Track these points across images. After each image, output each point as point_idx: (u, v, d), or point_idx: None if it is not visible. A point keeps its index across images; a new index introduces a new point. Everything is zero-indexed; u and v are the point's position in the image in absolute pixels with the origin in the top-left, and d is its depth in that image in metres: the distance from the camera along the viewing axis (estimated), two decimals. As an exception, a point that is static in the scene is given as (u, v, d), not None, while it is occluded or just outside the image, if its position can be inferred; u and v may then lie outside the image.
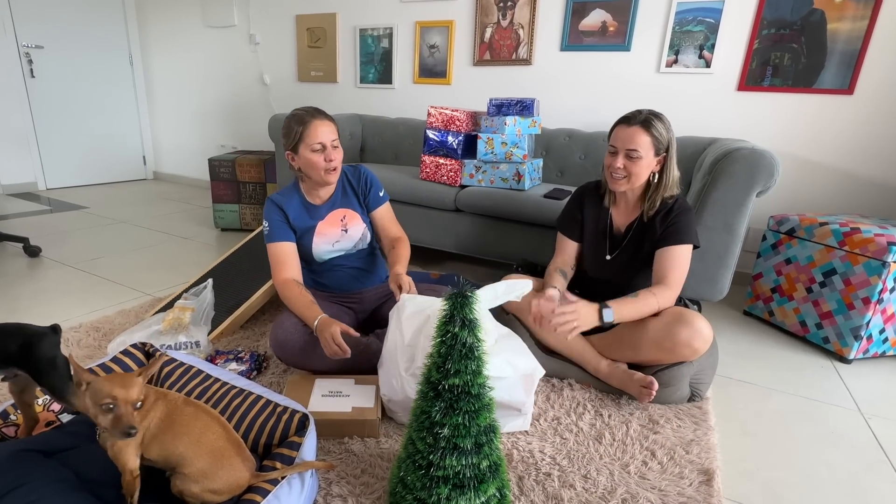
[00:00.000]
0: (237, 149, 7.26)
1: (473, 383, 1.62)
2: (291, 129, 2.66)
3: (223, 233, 5.42)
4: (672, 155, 2.59)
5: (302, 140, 2.64)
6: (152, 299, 3.60)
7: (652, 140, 2.52)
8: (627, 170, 2.58)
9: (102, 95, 7.56)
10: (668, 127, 2.57)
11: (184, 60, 7.44)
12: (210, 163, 5.28)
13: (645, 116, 2.54)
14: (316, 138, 2.62)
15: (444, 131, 4.09)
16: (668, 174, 2.62)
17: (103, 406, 1.53)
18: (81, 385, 1.56)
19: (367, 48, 5.78)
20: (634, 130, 2.53)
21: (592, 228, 2.89)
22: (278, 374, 2.75)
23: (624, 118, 2.60)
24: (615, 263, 2.82)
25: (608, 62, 4.63)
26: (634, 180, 2.60)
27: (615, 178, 2.62)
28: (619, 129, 2.58)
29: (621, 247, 2.80)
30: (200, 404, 1.78)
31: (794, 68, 3.95)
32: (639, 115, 2.56)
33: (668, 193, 2.66)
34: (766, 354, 3.28)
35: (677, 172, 2.66)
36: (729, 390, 2.85)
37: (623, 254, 2.79)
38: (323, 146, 2.64)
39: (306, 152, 2.64)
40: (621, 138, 2.57)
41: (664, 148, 2.56)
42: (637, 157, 2.53)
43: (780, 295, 3.55)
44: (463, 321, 1.60)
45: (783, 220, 3.53)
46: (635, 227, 2.74)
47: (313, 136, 2.62)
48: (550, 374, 2.84)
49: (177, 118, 7.84)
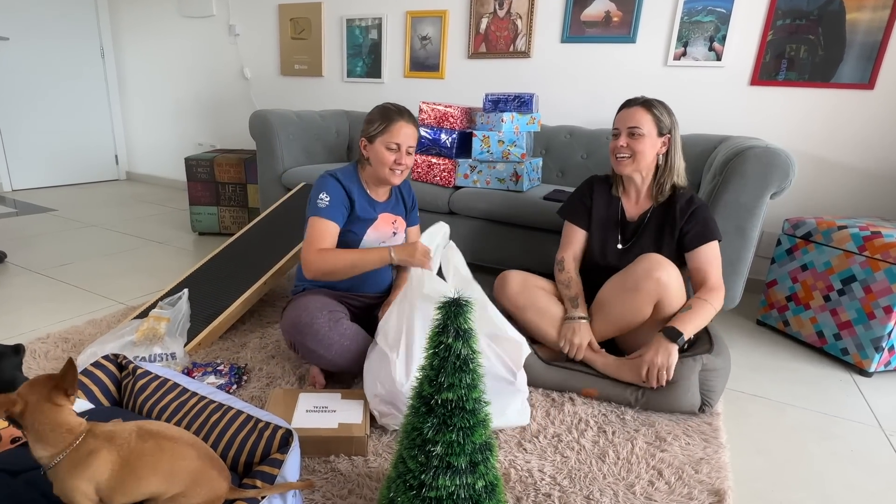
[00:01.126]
0: (216, 147, 7.26)
1: (468, 398, 1.61)
2: (375, 120, 2.80)
3: (201, 237, 5.41)
4: (676, 140, 2.78)
5: (382, 134, 2.78)
6: (125, 308, 3.58)
7: (653, 118, 2.73)
8: (631, 148, 2.76)
9: (72, 90, 7.53)
10: (670, 112, 2.77)
11: (159, 53, 7.44)
12: (187, 162, 5.25)
13: (645, 98, 2.77)
14: (396, 138, 2.76)
15: (436, 128, 4.09)
16: (673, 156, 2.79)
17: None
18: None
19: (355, 40, 5.78)
20: (635, 109, 2.75)
21: (602, 216, 2.99)
22: (260, 387, 2.74)
23: (626, 102, 2.84)
24: (630, 253, 2.90)
25: (612, 55, 4.64)
26: (640, 159, 2.77)
27: (620, 159, 2.80)
28: (622, 112, 2.81)
29: (637, 236, 2.89)
30: (159, 431, 1.64)
31: (811, 61, 3.96)
32: (639, 98, 2.79)
33: (678, 181, 2.83)
34: (781, 367, 3.28)
35: (683, 162, 2.84)
36: (741, 405, 2.85)
37: (639, 243, 2.88)
38: (398, 147, 2.78)
39: (381, 147, 2.78)
40: (623, 118, 2.79)
41: (667, 129, 2.75)
42: (640, 135, 2.73)
43: (796, 303, 3.55)
44: (457, 331, 1.58)
45: (799, 224, 3.53)
46: (650, 215, 2.88)
47: (395, 134, 2.76)
48: (550, 388, 2.83)
49: (151, 114, 7.83)
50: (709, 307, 2.63)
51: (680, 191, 2.82)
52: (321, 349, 2.59)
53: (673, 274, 2.62)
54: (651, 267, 2.62)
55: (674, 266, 2.65)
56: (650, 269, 2.61)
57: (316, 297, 2.77)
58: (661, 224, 2.84)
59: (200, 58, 7.05)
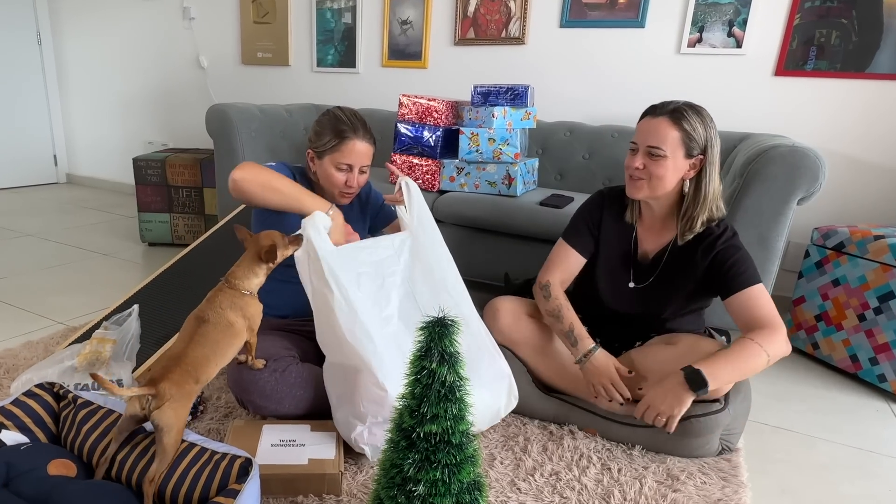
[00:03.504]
0: (168, 146, 7.24)
1: (454, 430, 1.61)
2: (325, 135, 2.74)
3: (151, 248, 5.40)
4: (712, 160, 2.50)
5: (332, 152, 2.73)
6: (65, 329, 3.57)
7: (681, 136, 2.44)
8: (648, 171, 2.51)
9: (3, 82, 7.50)
10: (709, 124, 2.49)
11: (103, 39, 7.43)
12: (135, 163, 5.26)
13: (676, 106, 2.48)
14: (347, 158, 2.72)
15: (418, 125, 4.09)
16: (706, 183, 2.52)
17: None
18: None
19: (326, 24, 5.80)
20: (659, 122, 2.47)
21: (613, 247, 2.83)
22: (218, 419, 2.73)
23: (650, 108, 2.55)
24: (642, 295, 2.77)
25: (618, 41, 4.66)
26: (656, 185, 2.53)
27: (632, 180, 2.57)
28: (643, 122, 2.54)
29: (651, 276, 2.74)
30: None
31: (844, 48, 3.98)
32: (668, 105, 2.50)
33: (713, 213, 2.56)
34: (809, 395, 3.28)
35: (719, 183, 2.57)
36: (764, 439, 2.85)
37: (653, 284, 2.74)
38: (350, 168, 2.74)
39: (329, 166, 2.74)
40: (643, 131, 2.52)
41: (699, 148, 2.48)
42: (659, 156, 2.46)
43: (827, 323, 3.56)
44: (442, 355, 1.58)
45: (830, 233, 3.55)
46: (668, 256, 2.70)
47: (347, 154, 2.71)
48: (548, 420, 2.82)
49: (95, 109, 7.82)
50: (758, 352, 2.36)
51: (713, 225, 2.57)
52: (272, 404, 2.54)
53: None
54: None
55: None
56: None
57: (258, 340, 2.64)
58: (677, 264, 2.65)
59: (150, 45, 7.04)
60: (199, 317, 2.22)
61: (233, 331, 2.26)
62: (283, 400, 2.54)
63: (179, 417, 1.99)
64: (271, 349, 2.65)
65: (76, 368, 2.79)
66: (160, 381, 1.96)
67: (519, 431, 2.72)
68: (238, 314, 2.29)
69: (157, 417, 1.93)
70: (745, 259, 2.51)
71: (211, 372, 2.16)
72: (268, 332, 2.81)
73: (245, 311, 2.31)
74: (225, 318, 2.24)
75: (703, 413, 2.47)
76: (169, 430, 1.94)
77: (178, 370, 2.03)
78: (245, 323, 2.31)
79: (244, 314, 2.31)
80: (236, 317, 2.28)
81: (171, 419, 1.94)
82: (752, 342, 2.36)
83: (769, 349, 2.35)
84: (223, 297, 2.29)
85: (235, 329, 2.27)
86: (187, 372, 2.04)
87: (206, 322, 2.20)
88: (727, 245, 2.53)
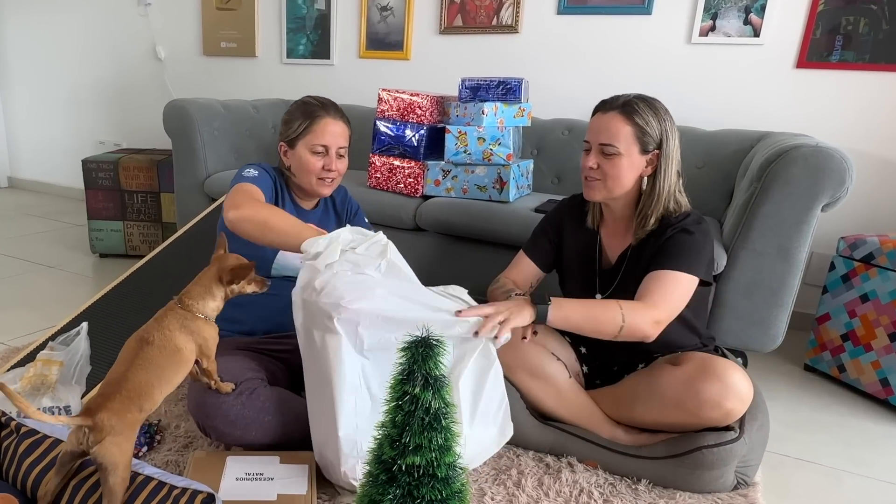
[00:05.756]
0: (121, 147, 7.20)
1: (440, 463, 1.59)
2: (295, 120, 2.79)
3: (102, 259, 5.40)
4: (669, 155, 2.55)
5: (304, 136, 2.76)
6: (6, 350, 3.56)
7: (635, 131, 2.50)
8: (602, 170, 2.57)
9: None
10: (663, 116, 2.55)
11: (49, 29, 7.41)
12: (85, 165, 5.24)
13: (627, 100, 2.55)
14: (321, 139, 2.75)
15: (400, 123, 4.10)
16: (661, 180, 2.57)
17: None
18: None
19: (297, 11, 5.80)
20: (610, 118, 2.53)
21: (576, 256, 2.88)
22: (177, 449, 2.70)
23: (600, 104, 2.63)
24: None
25: (622, 29, 4.67)
26: (612, 185, 2.58)
27: (588, 181, 2.63)
28: (594, 119, 2.61)
29: (616, 282, 2.76)
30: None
31: (873, 38, 3.99)
32: (618, 99, 2.57)
33: (669, 209, 2.60)
34: (835, 424, 3.28)
35: (678, 178, 2.62)
36: (785, 473, 2.84)
37: (616, 292, 2.74)
38: (326, 150, 2.76)
39: (304, 152, 2.77)
40: (594, 128, 2.59)
41: (655, 143, 2.53)
42: (613, 154, 2.52)
43: (854, 343, 3.56)
44: (426, 379, 1.56)
45: (858, 243, 3.55)
46: (628, 259, 2.72)
47: (319, 135, 2.74)
48: (544, 450, 2.80)
49: (40, 106, 7.80)
50: (613, 310, 2.38)
51: (672, 217, 2.59)
52: (237, 431, 2.50)
53: (744, 393, 2.37)
54: (723, 392, 2.34)
55: (745, 379, 2.38)
56: (721, 397, 2.34)
57: (221, 362, 2.59)
58: (639, 264, 2.63)
59: (102, 34, 7.03)
60: (143, 338, 2.15)
61: (180, 357, 2.19)
62: (249, 426, 2.50)
63: (124, 453, 1.92)
64: (236, 371, 2.60)
65: (19, 393, 2.78)
66: (98, 410, 1.90)
67: (512, 464, 2.69)
68: (188, 338, 2.22)
69: (99, 454, 1.87)
70: (690, 245, 2.51)
71: (156, 399, 2.10)
72: (232, 351, 2.77)
73: (197, 335, 2.25)
74: (172, 343, 2.17)
75: (715, 443, 2.44)
76: (114, 468, 1.88)
77: (119, 398, 1.96)
78: (195, 349, 2.25)
79: (196, 339, 2.25)
80: (186, 341, 2.21)
81: (114, 456, 1.89)
82: (615, 302, 2.41)
83: (627, 315, 2.37)
84: (173, 317, 2.23)
85: (183, 355, 2.20)
86: (129, 399, 1.99)
87: (149, 344, 2.13)
88: (680, 229, 2.54)
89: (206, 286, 2.31)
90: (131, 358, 2.10)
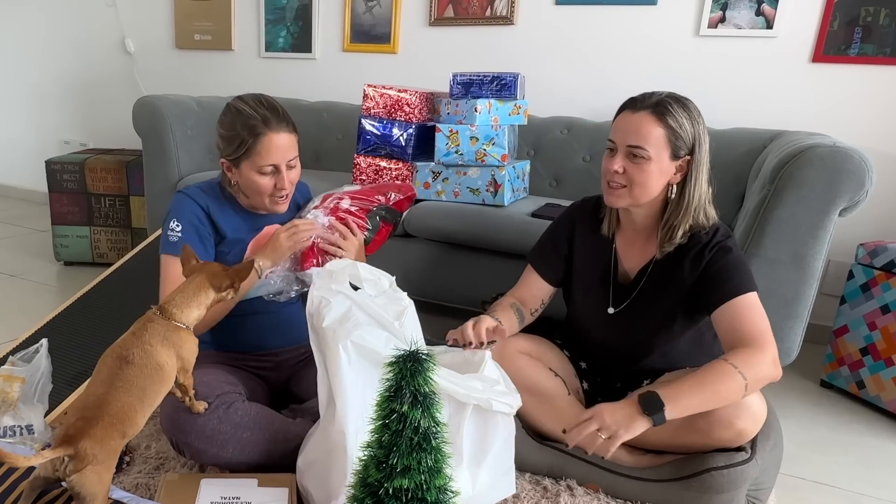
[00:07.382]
0: (87, 147, 7.17)
1: (430, 486, 1.59)
2: (236, 137, 2.63)
3: (67, 267, 5.40)
4: (700, 161, 2.50)
5: (247, 157, 2.62)
6: (-41, 367, 3.54)
7: (667, 133, 2.43)
8: (629, 176, 2.49)
9: None
10: (696, 118, 2.49)
11: (11, 21, 7.42)
12: (48, 167, 5.24)
13: (659, 99, 2.47)
14: (268, 159, 2.62)
15: (387, 121, 4.09)
16: (691, 188, 2.52)
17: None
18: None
19: (277, 1, 5.81)
20: (640, 118, 2.45)
21: (588, 269, 2.84)
22: (147, 471, 2.67)
23: (629, 101, 2.55)
24: (622, 322, 2.76)
25: (626, 21, 4.68)
26: (638, 192, 2.51)
27: (611, 188, 2.55)
28: (621, 118, 2.54)
29: (632, 297, 2.73)
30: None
31: (895, 30, 3.98)
32: (650, 97, 2.49)
33: (699, 222, 2.55)
34: (854, 444, 3.28)
35: (706, 187, 2.57)
36: (800, 496, 2.83)
37: (633, 307, 2.73)
38: (276, 168, 2.64)
39: (251, 173, 2.65)
40: (622, 130, 2.51)
41: (687, 148, 2.47)
42: (643, 158, 2.44)
43: (874, 358, 3.55)
44: (414, 396, 1.55)
45: (878, 250, 3.55)
46: (649, 273, 2.69)
47: (265, 155, 2.61)
48: (542, 473, 2.78)
49: (0, 104, 7.80)
50: (731, 375, 2.26)
51: (703, 232, 2.56)
52: (213, 448, 2.48)
53: (757, 413, 2.37)
54: (735, 412, 2.32)
55: (759, 398, 2.37)
56: (732, 417, 2.33)
57: (196, 375, 2.55)
58: (662, 279, 2.64)
59: (66, 25, 7.04)
60: (122, 356, 2.09)
61: (161, 375, 2.15)
62: (226, 443, 2.48)
63: (104, 482, 1.91)
64: (213, 384, 2.58)
65: (-21, 411, 2.77)
66: (79, 438, 1.86)
67: (507, 488, 2.69)
68: (170, 353, 2.18)
69: (78, 484, 1.85)
70: (737, 263, 2.48)
71: (139, 424, 2.07)
72: (210, 364, 2.75)
73: (179, 349, 2.21)
74: (153, 360, 2.12)
75: (726, 465, 2.42)
76: (92, 499, 1.87)
77: (101, 424, 1.92)
78: (177, 364, 2.21)
79: (178, 353, 2.21)
80: (168, 356, 2.16)
81: (94, 486, 1.87)
82: (725, 363, 2.29)
83: (747, 372, 2.26)
84: (153, 330, 2.17)
85: (165, 372, 2.15)
86: (111, 426, 1.95)
87: (129, 363, 2.08)
88: (717, 248, 2.50)
89: (193, 293, 2.28)
90: (111, 379, 2.05)
